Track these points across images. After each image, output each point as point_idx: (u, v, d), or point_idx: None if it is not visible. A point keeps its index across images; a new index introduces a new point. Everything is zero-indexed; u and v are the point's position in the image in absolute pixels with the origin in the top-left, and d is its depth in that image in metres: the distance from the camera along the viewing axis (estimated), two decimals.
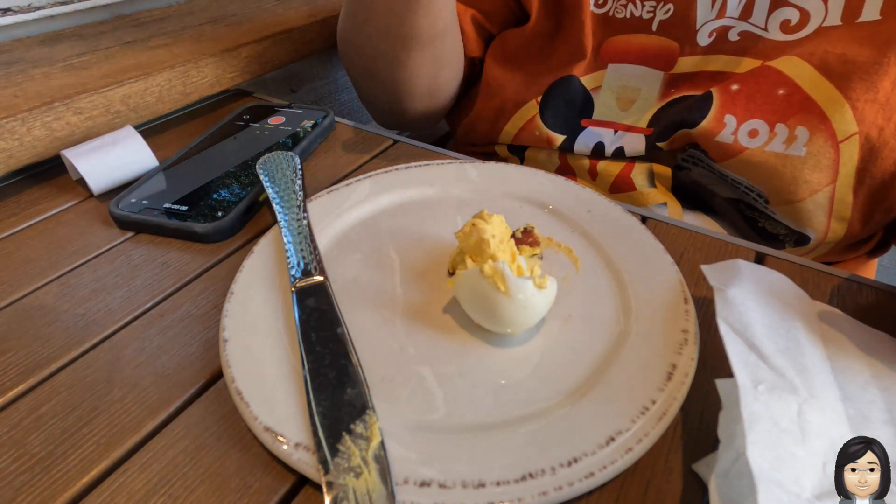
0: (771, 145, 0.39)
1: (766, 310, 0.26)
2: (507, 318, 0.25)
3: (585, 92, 0.45)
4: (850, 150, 0.37)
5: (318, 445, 0.21)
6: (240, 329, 0.26)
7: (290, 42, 0.55)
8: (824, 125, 0.37)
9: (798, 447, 0.21)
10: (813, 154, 0.38)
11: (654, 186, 0.44)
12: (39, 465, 0.22)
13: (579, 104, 0.45)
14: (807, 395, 0.23)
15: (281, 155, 0.38)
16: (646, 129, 0.43)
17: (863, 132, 0.37)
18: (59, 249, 0.34)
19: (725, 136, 0.39)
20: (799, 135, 0.38)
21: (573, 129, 0.45)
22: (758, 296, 0.26)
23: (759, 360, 0.24)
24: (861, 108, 0.36)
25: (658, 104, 0.43)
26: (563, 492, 0.20)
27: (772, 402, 0.22)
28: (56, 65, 0.45)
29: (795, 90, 0.38)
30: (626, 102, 0.45)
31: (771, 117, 0.39)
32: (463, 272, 0.26)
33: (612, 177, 0.45)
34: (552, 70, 0.46)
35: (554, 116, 0.46)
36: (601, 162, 0.45)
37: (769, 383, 0.23)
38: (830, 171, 0.38)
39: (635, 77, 0.44)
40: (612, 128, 0.45)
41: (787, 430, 0.21)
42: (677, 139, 0.42)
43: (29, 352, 0.27)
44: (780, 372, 0.23)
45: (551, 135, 0.46)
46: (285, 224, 0.32)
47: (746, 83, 0.39)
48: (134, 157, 0.39)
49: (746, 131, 0.39)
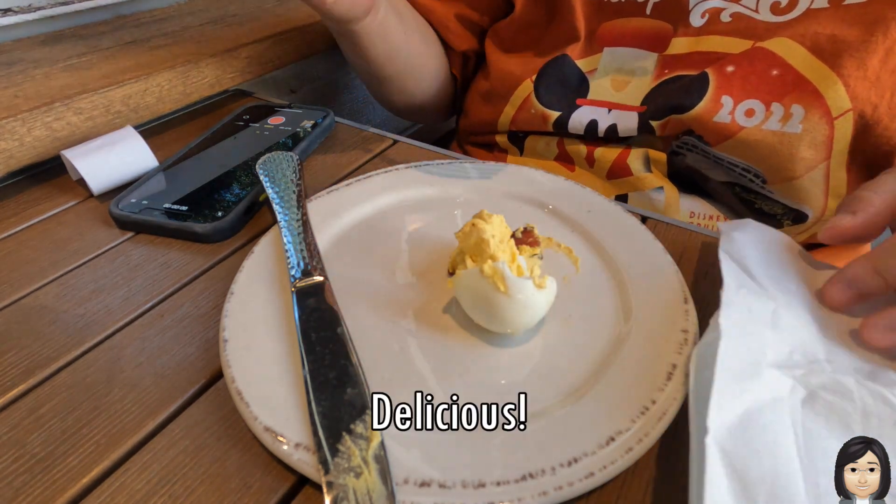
0: (767, 124, 0.40)
1: (766, 251, 0.28)
2: (507, 318, 0.25)
3: (581, 74, 0.47)
4: (845, 127, 0.38)
5: (318, 445, 0.21)
6: (240, 329, 0.26)
7: (290, 42, 0.55)
8: (819, 102, 0.38)
9: (767, 330, 0.23)
10: (809, 130, 0.39)
11: (651, 171, 0.45)
12: (39, 465, 0.22)
13: (574, 84, 0.47)
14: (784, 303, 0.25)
15: (281, 155, 0.38)
16: (639, 108, 0.44)
17: (857, 109, 0.38)
18: (59, 249, 0.34)
19: (723, 117, 0.40)
20: (794, 112, 0.39)
21: (568, 106, 0.47)
22: (760, 241, 0.28)
23: (748, 277, 0.26)
24: (853, 86, 0.37)
25: (652, 84, 0.44)
26: (563, 492, 0.20)
27: (750, 298, 0.24)
28: (56, 65, 0.45)
29: (788, 70, 0.39)
30: (621, 84, 0.46)
31: (766, 97, 0.39)
32: (463, 272, 0.26)
33: (608, 163, 0.46)
34: (545, 52, 0.47)
35: (548, 94, 0.47)
36: (598, 148, 0.46)
37: (751, 289, 0.25)
38: (825, 148, 0.39)
39: (630, 59, 0.45)
40: (606, 106, 0.46)
41: (760, 318, 0.24)
42: (671, 124, 0.43)
43: (29, 352, 0.27)
44: (765, 287, 0.25)
45: (546, 112, 0.47)
46: (285, 224, 0.32)
47: (741, 65, 0.40)
48: (134, 157, 0.39)
49: (743, 111, 0.40)
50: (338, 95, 0.72)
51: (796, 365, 0.22)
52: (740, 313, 0.23)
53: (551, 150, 0.49)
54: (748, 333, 0.23)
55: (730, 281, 0.25)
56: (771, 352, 0.22)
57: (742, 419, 0.20)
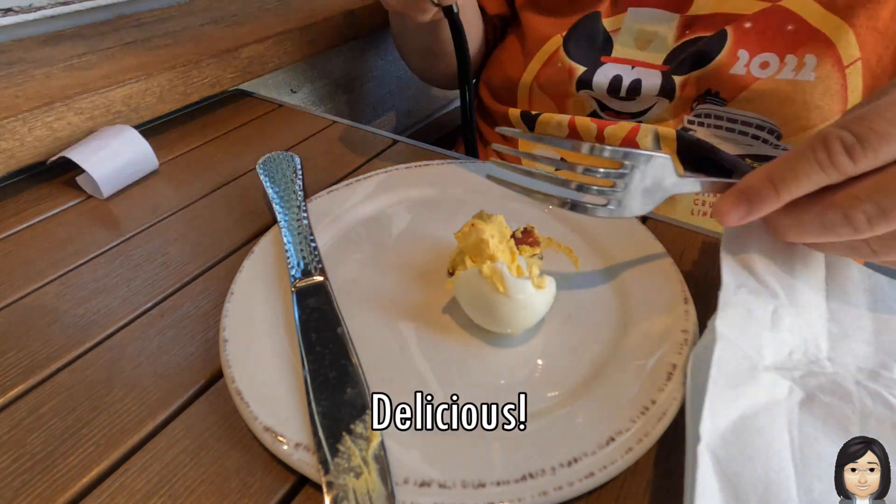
0: (781, 73, 0.41)
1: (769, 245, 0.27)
2: (507, 319, 0.25)
3: (605, 33, 0.48)
4: (855, 77, 0.40)
5: (318, 445, 0.21)
6: (240, 329, 0.26)
7: (291, 42, 0.55)
8: (831, 51, 0.40)
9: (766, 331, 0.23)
10: (822, 78, 0.40)
11: (660, 148, 0.46)
12: (39, 465, 0.22)
13: (600, 42, 0.48)
14: (786, 301, 0.24)
15: (281, 155, 0.38)
16: (662, 66, 0.46)
17: (864, 58, 0.39)
18: (59, 249, 0.34)
19: (738, 69, 0.42)
20: (807, 62, 0.40)
21: (593, 62, 0.48)
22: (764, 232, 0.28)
23: (750, 275, 0.25)
24: (863, 35, 0.39)
25: (674, 45, 0.46)
26: (563, 492, 0.20)
27: (749, 298, 0.24)
28: (57, 65, 0.45)
29: (803, 25, 0.40)
30: (643, 42, 0.47)
31: (781, 50, 0.41)
32: (462, 273, 0.26)
33: (618, 140, 0.47)
34: (577, 10, 0.49)
35: (576, 49, 0.48)
36: (608, 126, 0.47)
37: (751, 288, 0.25)
38: (840, 98, 0.41)
39: (653, 19, 0.46)
40: (630, 64, 0.47)
41: (758, 318, 0.23)
42: (690, 82, 0.44)
43: (29, 352, 0.27)
44: (766, 284, 0.25)
45: (573, 65, 0.48)
46: (285, 224, 0.32)
47: (758, 21, 0.42)
48: (139, 158, 0.40)
49: (758, 63, 0.42)
50: (338, 95, 0.72)
51: (796, 366, 0.22)
52: (738, 315, 0.23)
53: (562, 130, 0.50)
54: (746, 335, 0.22)
55: (729, 281, 0.25)
56: (769, 353, 0.22)
57: (736, 425, 0.20)
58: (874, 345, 0.23)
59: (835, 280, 0.26)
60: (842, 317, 0.25)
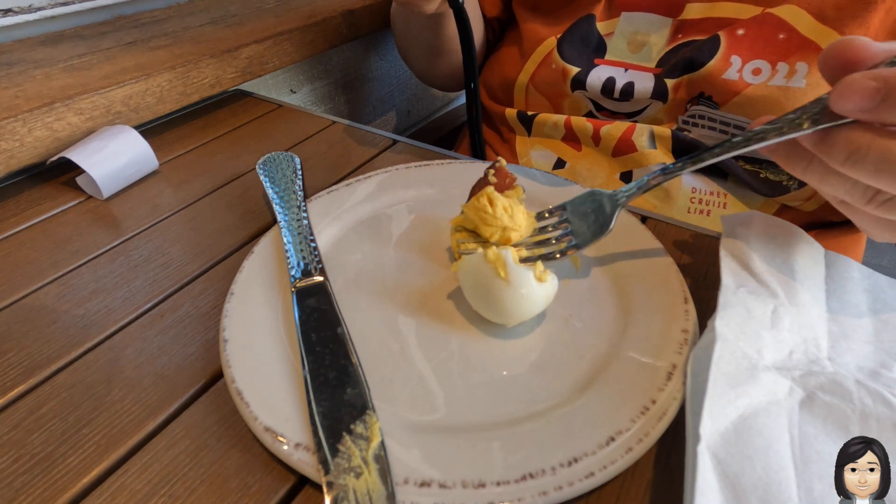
0: (773, 80, 0.41)
1: (768, 243, 0.28)
2: (505, 307, 0.25)
3: (599, 36, 0.49)
4: None
5: (319, 445, 0.21)
6: (240, 329, 0.26)
7: (290, 42, 0.55)
8: None
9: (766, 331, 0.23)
10: (812, 85, 0.40)
11: (655, 147, 0.46)
12: (39, 465, 0.22)
13: (593, 45, 0.49)
14: (786, 301, 0.25)
15: (281, 155, 0.38)
16: (654, 69, 0.46)
17: None
18: (59, 249, 0.34)
19: (731, 74, 0.43)
20: (799, 69, 0.41)
21: (587, 64, 0.49)
22: (764, 233, 0.28)
23: (749, 275, 0.26)
24: None
25: (666, 48, 0.46)
26: (563, 492, 0.20)
27: (749, 299, 0.24)
28: (57, 65, 0.45)
29: (794, 34, 0.41)
30: (636, 46, 0.48)
31: (773, 57, 0.42)
32: (467, 257, 0.26)
33: (614, 140, 0.47)
34: (573, 13, 0.49)
35: (570, 50, 0.49)
36: (604, 126, 0.48)
37: (751, 288, 0.25)
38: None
39: (645, 23, 0.47)
40: (623, 66, 0.48)
41: (758, 318, 0.24)
42: (683, 85, 0.45)
43: (29, 352, 0.27)
44: (766, 284, 0.25)
45: (567, 67, 0.48)
46: (285, 224, 0.32)
47: (750, 28, 0.42)
48: (138, 158, 0.40)
49: (750, 69, 0.42)
50: (338, 95, 0.72)
51: (796, 365, 0.22)
52: (738, 315, 0.23)
53: (558, 130, 0.50)
54: (745, 335, 0.22)
55: (728, 281, 0.25)
56: (769, 353, 0.22)
57: (736, 424, 0.20)
58: (874, 344, 0.23)
59: (835, 280, 0.26)
60: (842, 316, 0.25)
